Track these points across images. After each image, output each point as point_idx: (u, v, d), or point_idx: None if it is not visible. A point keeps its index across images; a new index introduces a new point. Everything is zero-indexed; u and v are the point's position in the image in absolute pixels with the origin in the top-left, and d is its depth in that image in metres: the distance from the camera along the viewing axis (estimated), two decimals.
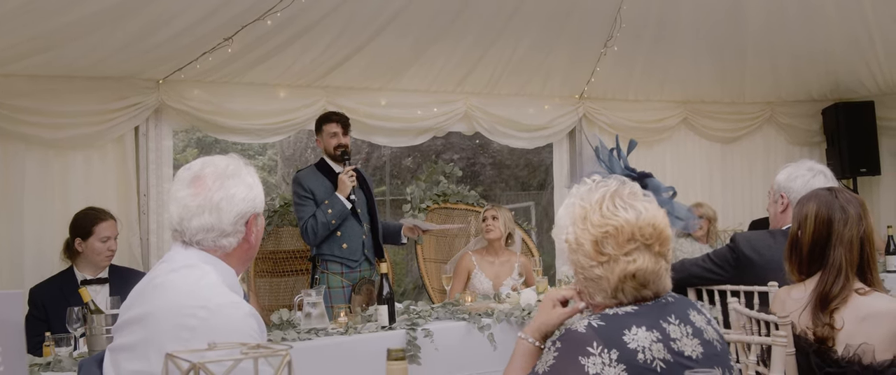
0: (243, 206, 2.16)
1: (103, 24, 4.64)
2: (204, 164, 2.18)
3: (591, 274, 1.93)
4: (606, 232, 1.90)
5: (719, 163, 7.94)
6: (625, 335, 1.82)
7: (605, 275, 1.91)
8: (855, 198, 2.75)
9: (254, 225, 2.20)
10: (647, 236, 1.91)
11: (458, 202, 6.43)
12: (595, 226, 1.92)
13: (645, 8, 6.17)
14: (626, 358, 1.79)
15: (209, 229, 2.13)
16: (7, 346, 1.08)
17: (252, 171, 2.23)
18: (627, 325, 1.84)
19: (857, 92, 7.84)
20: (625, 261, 1.90)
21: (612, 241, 1.90)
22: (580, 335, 1.83)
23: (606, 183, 1.99)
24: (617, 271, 1.90)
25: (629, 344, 1.81)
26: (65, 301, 3.99)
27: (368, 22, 5.47)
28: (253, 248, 2.24)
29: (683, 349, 1.86)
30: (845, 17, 6.48)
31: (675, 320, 1.90)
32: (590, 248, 1.91)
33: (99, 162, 5.36)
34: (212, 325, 1.94)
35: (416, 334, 3.87)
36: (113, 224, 4.48)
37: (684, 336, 1.88)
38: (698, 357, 1.87)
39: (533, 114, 6.97)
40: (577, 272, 1.96)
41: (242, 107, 5.76)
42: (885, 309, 2.56)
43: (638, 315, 1.87)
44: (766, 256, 3.52)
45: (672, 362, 1.82)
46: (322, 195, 4.98)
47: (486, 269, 5.56)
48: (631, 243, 1.90)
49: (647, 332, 1.83)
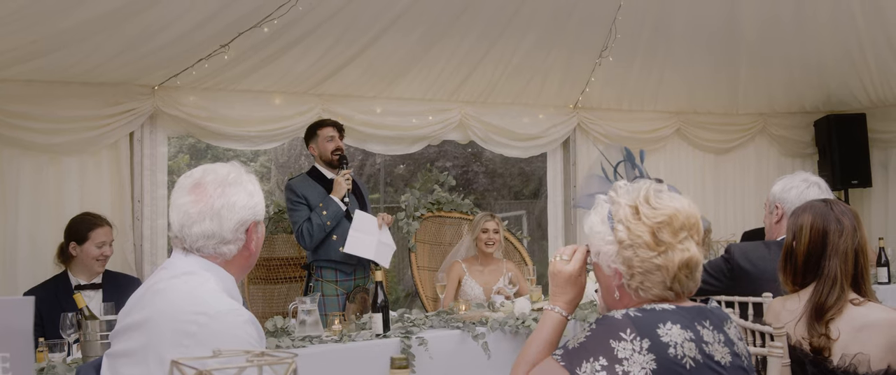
0: (244, 214, 2.16)
1: (99, 30, 4.63)
2: (205, 172, 2.19)
3: (650, 266, 1.95)
4: (661, 222, 1.95)
5: (712, 174, 7.97)
6: (659, 328, 1.87)
7: (665, 265, 1.94)
8: (849, 210, 2.77)
9: (254, 232, 2.20)
10: (692, 225, 1.98)
11: (451, 210, 6.45)
12: (649, 218, 1.96)
13: (640, 18, 6.21)
14: (657, 349, 1.84)
15: (210, 236, 2.13)
16: (15, 352, 1.08)
17: (253, 179, 2.24)
18: (663, 320, 1.89)
19: (849, 104, 7.89)
20: (680, 249, 1.95)
21: (667, 230, 1.95)
22: (617, 320, 1.89)
23: (640, 183, 2.05)
24: (676, 259, 1.94)
25: (662, 337, 1.86)
26: (59, 306, 3.98)
27: (364, 30, 5.48)
28: (253, 256, 2.24)
29: (714, 353, 1.90)
30: (838, 31, 6.53)
31: (710, 326, 1.95)
32: (649, 238, 1.95)
33: (93, 167, 5.35)
34: (212, 332, 1.94)
35: (410, 342, 3.88)
36: (109, 230, 4.48)
37: (716, 343, 1.92)
38: (727, 364, 1.91)
39: (527, 123, 6.99)
40: (632, 268, 1.97)
41: (238, 113, 5.76)
42: (880, 319, 2.58)
43: (675, 313, 1.92)
44: (760, 267, 3.53)
45: (701, 363, 1.87)
46: (315, 201, 4.98)
47: (476, 276, 5.60)
48: (682, 231, 1.96)
49: (682, 330, 1.88)
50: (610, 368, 1.83)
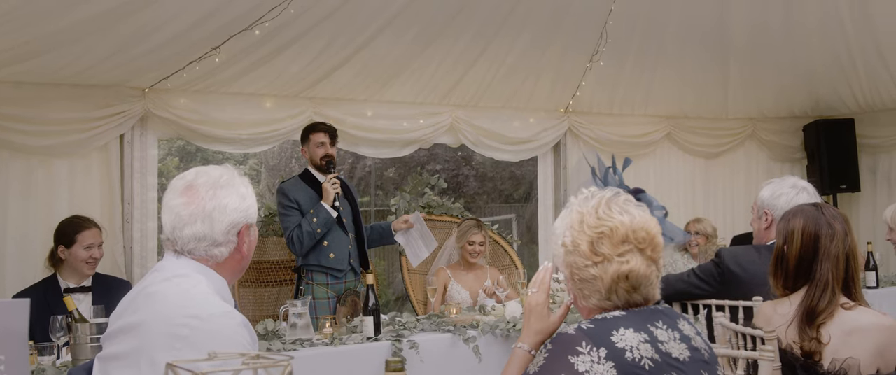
0: (235, 216, 2.15)
1: (90, 33, 4.62)
2: (197, 174, 2.18)
3: (586, 275, 1.97)
4: (602, 233, 1.96)
5: (702, 178, 8.00)
6: (613, 335, 1.88)
7: (600, 275, 1.96)
8: (839, 214, 2.79)
9: (246, 235, 2.19)
10: (640, 239, 1.97)
11: (442, 214, 6.44)
12: (591, 228, 1.98)
13: (631, 23, 6.23)
14: (615, 356, 1.84)
15: (201, 238, 2.13)
16: (10, 355, 1.08)
17: (246, 182, 2.23)
18: (616, 327, 1.90)
19: (838, 109, 7.94)
20: (618, 262, 1.95)
21: (607, 242, 1.96)
22: (570, 336, 1.89)
23: (602, 192, 2.06)
24: (610, 271, 1.95)
25: (617, 343, 1.86)
26: (48, 309, 3.95)
27: (356, 33, 5.48)
28: (245, 259, 2.23)
29: (671, 350, 1.91)
30: (827, 36, 6.58)
31: (664, 325, 1.95)
32: (586, 248, 1.97)
33: (83, 170, 5.33)
34: (204, 335, 1.94)
35: (401, 345, 3.87)
36: (97, 232, 4.45)
37: (672, 340, 1.93)
38: (686, 359, 1.92)
39: (518, 127, 7.00)
40: (573, 274, 2.01)
41: (229, 116, 5.75)
42: (870, 323, 2.59)
43: (626, 319, 1.93)
44: (750, 271, 3.55)
45: (660, 361, 1.87)
46: (307, 205, 4.96)
47: (462, 281, 5.62)
48: (625, 245, 1.96)
49: (635, 333, 1.89)
50: None
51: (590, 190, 2.08)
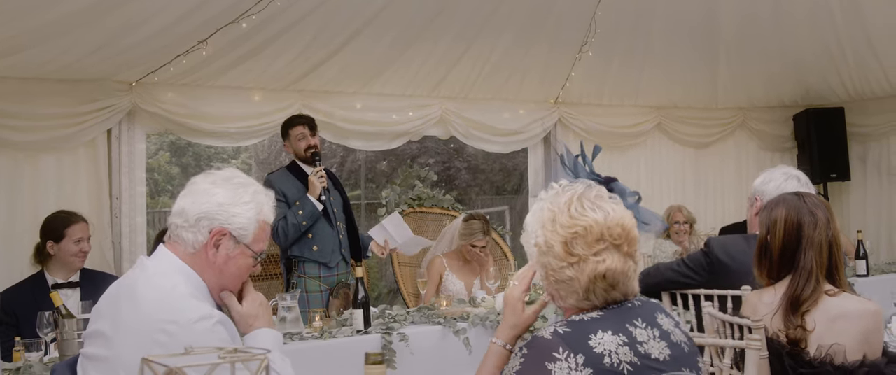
0: (213, 209, 2.12)
1: (75, 26, 4.59)
2: (231, 171, 2.23)
3: (562, 276, 1.92)
4: (575, 233, 1.90)
5: (693, 168, 8.01)
6: (591, 339, 1.82)
7: (576, 276, 1.90)
8: (821, 202, 2.79)
9: (221, 242, 2.14)
10: (615, 236, 1.92)
11: (433, 206, 6.43)
12: (564, 227, 1.92)
13: (619, 14, 6.22)
14: (593, 362, 1.79)
15: (179, 213, 2.14)
16: None
17: (261, 201, 2.21)
18: (593, 330, 1.84)
19: (828, 98, 7.95)
20: (594, 261, 1.89)
21: (581, 242, 1.90)
22: (546, 341, 1.83)
23: (573, 186, 1.99)
24: (587, 271, 1.89)
25: (595, 348, 1.81)
26: (35, 305, 3.93)
27: (344, 26, 5.46)
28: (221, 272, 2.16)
29: (650, 351, 1.87)
30: (816, 25, 6.58)
31: (642, 323, 1.90)
32: (560, 249, 1.91)
33: (70, 165, 5.30)
34: (181, 341, 1.89)
35: (391, 338, 3.86)
36: (85, 226, 4.43)
37: (651, 339, 1.89)
38: (665, 359, 1.88)
39: (508, 118, 7.00)
40: (548, 274, 1.95)
41: (217, 110, 5.73)
42: (855, 309, 2.60)
43: (604, 320, 1.88)
44: (740, 260, 3.54)
45: (639, 364, 1.83)
46: (294, 196, 4.93)
47: (457, 272, 5.55)
48: (600, 243, 1.90)
49: (613, 336, 1.84)
50: None
51: (560, 184, 2.01)
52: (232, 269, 2.17)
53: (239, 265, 2.18)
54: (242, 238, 2.16)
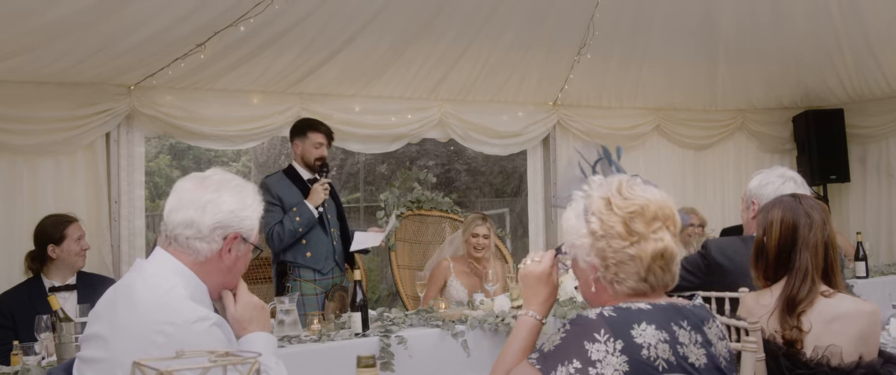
0: (227, 218, 2.14)
1: (73, 30, 4.59)
2: (216, 172, 2.22)
3: (623, 257, 1.94)
4: (633, 212, 1.95)
5: (692, 170, 8.01)
6: (633, 328, 1.84)
7: (638, 255, 1.93)
8: (817, 204, 2.79)
9: (234, 247, 2.17)
10: (666, 216, 1.98)
11: (432, 208, 6.42)
12: (621, 208, 1.96)
13: (618, 16, 6.22)
14: (630, 351, 1.81)
15: (188, 224, 2.12)
16: None
17: (258, 199, 2.24)
18: (638, 320, 1.86)
19: (827, 100, 7.95)
20: (653, 239, 1.94)
21: (640, 219, 1.94)
22: (591, 320, 1.86)
23: (613, 177, 2.05)
24: (649, 250, 1.93)
25: (636, 338, 1.83)
26: (33, 308, 3.93)
27: (342, 28, 5.46)
28: (230, 272, 2.21)
29: (688, 355, 1.88)
30: (815, 27, 6.58)
31: (688, 326, 1.92)
32: (621, 229, 1.94)
33: (69, 168, 5.30)
34: (179, 342, 1.90)
35: (389, 341, 3.86)
36: (79, 224, 4.44)
37: (692, 344, 1.90)
38: (701, 366, 1.89)
39: (507, 120, 7.00)
40: (606, 259, 1.96)
41: (215, 113, 5.73)
42: (851, 310, 2.60)
43: (650, 313, 1.89)
44: (737, 262, 3.53)
45: (675, 364, 1.84)
46: (290, 201, 4.93)
47: (462, 277, 5.49)
48: (656, 222, 1.95)
49: (657, 331, 1.85)
50: (583, 370, 1.81)
51: (597, 178, 2.06)
52: (239, 267, 2.23)
53: (245, 261, 2.24)
54: (249, 237, 2.21)
